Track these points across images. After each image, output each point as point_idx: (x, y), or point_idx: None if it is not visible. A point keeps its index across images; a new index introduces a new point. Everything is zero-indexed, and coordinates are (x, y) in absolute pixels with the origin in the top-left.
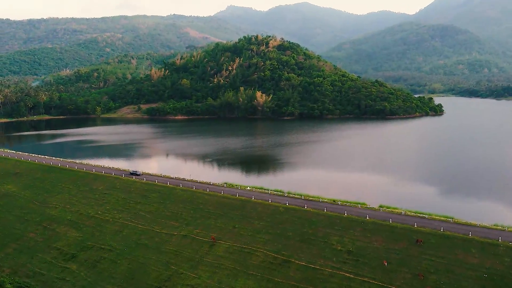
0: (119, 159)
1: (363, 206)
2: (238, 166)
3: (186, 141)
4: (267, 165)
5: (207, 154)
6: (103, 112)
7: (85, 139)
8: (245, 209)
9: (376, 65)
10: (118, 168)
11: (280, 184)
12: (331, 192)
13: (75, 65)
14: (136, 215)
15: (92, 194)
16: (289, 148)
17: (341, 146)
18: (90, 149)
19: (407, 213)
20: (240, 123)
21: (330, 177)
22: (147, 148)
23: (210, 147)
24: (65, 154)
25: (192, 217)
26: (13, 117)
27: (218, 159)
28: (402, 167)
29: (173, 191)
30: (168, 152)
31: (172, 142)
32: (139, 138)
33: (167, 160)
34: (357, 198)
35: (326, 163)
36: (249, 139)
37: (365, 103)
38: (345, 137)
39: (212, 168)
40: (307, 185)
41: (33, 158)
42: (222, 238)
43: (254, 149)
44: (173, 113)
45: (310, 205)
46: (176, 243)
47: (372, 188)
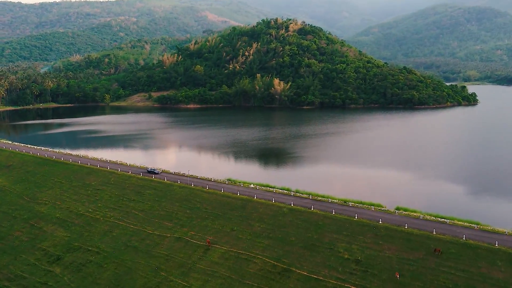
0: (120, 150)
1: (376, 209)
2: (246, 161)
3: (195, 132)
4: (278, 160)
5: (215, 146)
6: (112, 100)
7: (90, 129)
8: (246, 210)
9: (406, 51)
10: (123, 163)
11: (289, 181)
12: (344, 191)
13: (88, 50)
14: (128, 214)
15: (84, 190)
16: (305, 141)
17: (362, 139)
18: (93, 140)
19: (425, 217)
20: (256, 112)
21: (346, 173)
22: (152, 140)
23: (220, 138)
24: (67, 145)
25: (188, 218)
26: (18, 105)
27: (226, 151)
28: (427, 163)
29: (170, 188)
30: (173, 144)
31: (179, 133)
32: (146, 129)
33: (169, 153)
34: (372, 198)
35: (344, 157)
36: (263, 130)
37: (392, 91)
38: (368, 128)
39: (217, 162)
40: (318, 182)
41: (29, 150)
42: (218, 242)
43: (267, 141)
44: (185, 101)
45: (318, 206)
46: (168, 246)
47: (390, 187)
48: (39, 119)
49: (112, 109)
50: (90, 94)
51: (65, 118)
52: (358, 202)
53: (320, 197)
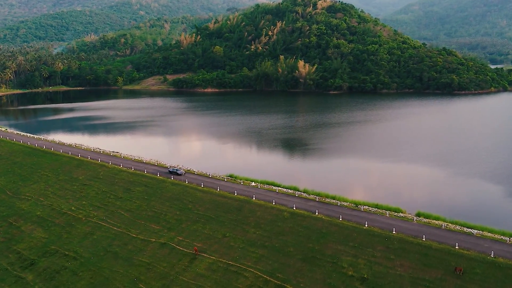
0: (122, 139)
1: (392, 214)
2: (255, 153)
3: (208, 119)
4: (291, 152)
5: (226, 135)
6: (125, 83)
7: (97, 115)
8: (242, 213)
9: (449, 30)
10: (117, 155)
11: (299, 178)
12: (360, 191)
13: (105, 30)
14: (113, 214)
15: (70, 185)
16: (327, 130)
17: (391, 129)
18: (97, 128)
19: (449, 226)
20: (278, 97)
21: (365, 170)
22: (160, 127)
23: (233, 127)
24: (68, 133)
25: (177, 220)
26: (26, 88)
27: (235, 142)
28: (463, 158)
29: (162, 185)
30: (181, 133)
31: (191, 120)
32: (156, 115)
33: (172, 143)
34: (391, 200)
35: (366, 150)
36: (282, 117)
37: (429, 75)
38: (400, 116)
39: (222, 155)
40: (332, 180)
41: (20, 139)
42: (207, 250)
43: (284, 131)
44: (202, 85)
45: (324, 210)
46: (151, 253)
47: (415, 187)
48: (49, 103)
49: (125, 93)
50: (102, 77)
51: (75, 102)
52: (372, 206)
53: (329, 198)
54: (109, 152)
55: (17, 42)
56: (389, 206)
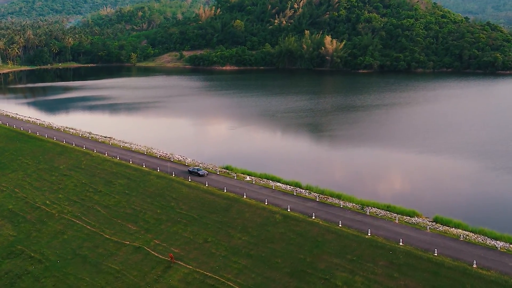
0: (116, 123)
1: (402, 220)
2: (262, 140)
3: (219, 100)
4: (302, 140)
5: (234, 119)
6: (140, 60)
7: (102, 94)
8: (229, 213)
9: (497, 3)
10: (115, 143)
11: (303, 171)
12: (373, 188)
13: (124, 3)
14: (89, 210)
15: (49, 175)
16: (348, 114)
17: (422, 113)
18: (96, 108)
19: (469, 237)
20: (301, 77)
21: (383, 162)
22: (163, 109)
23: (245, 109)
24: (65, 114)
25: (157, 220)
26: (35, 64)
27: (243, 127)
28: (502, 150)
29: (146, 178)
30: (183, 116)
31: (200, 101)
32: (164, 95)
33: (170, 127)
34: (406, 201)
35: (389, 138)
36: (302, 99)
37: (470, 53)
38: (434, 99)
39: (224, 142)
40: (342, 174)
41: (8, 121)
42: (184, 257)
43: (300, 114)
44: (220, 62)
45: (323, 213)
46: (123, 259)
47: (439, 184)
48: (58, 81)
49: (138, 71)
50: (114, 53)
51: (85, 80)
52: (383, 207)
53: (334, 198)
54: (98, 138)
55: (32, 15)
56: (402, 208)
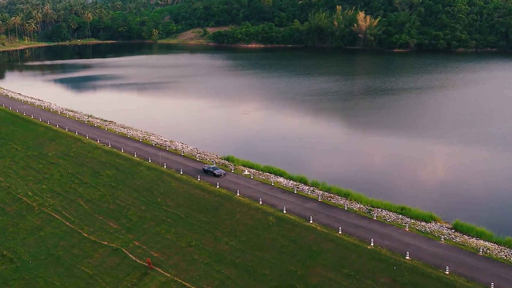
0: (123, 105)
1: (413, 228)
2: (272, 128)
3: (238, 81)
4: (318, 128)
5: (252, 101)
6: (162, 36)
7: (116, 73)
8: (218, 213)
9: None
10: (112, 129)
11: (313, 164)
12: (387, 186)
13: None
14: (72, 204)
15: (36, 163)
16: (376, 98)
17: (460, 98)
18: (105, 88)
19: (489, 251)
20: (331, 56)
21: (405, 154)
22: (175, 89)
23: (265, 90)
24: (70, 94)
25: (140, 218)
26: (52, 40)
27: (258, 111)
28: None
29: (136, 169)
30: (195, 97)
31: (218, 82)
32: (180, 75)
33: (177, 110)
34: (426, 201)
35: (417, 127)
36: (328, 80)
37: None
38: (475, 82)
39: (233, 128)
40: (355, 169)
41: (4, 101)
42: (163, 263)
43: (322, 98)
44: (246, 39)
45: (322, 217)
46: (98, 262)
47: (466, 183)
48: (77, 58)
49: (160, 48)
50: (135, 29)
51: (105, 58)
52: (395, 210)
53: (341, 196)
54: (94, 122)
55: None
56: (418, 211)
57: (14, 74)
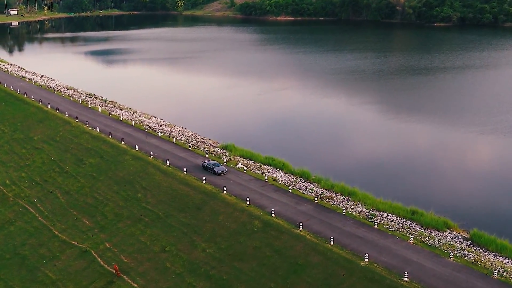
0: (128, 82)
1: (419, 239)
2: (286, 112)
3: (260, 57)
4: (338, 112)
5: (269, 80)
6: (187, 7)
7: (136, 47)
8: (200, 213)
9: None
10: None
11: (322, 157)
12: (401, 183)
13: None
14: (48, 196)
15: (21, 147)
16: (406, 78)
17: (499, 80)
18: (116, 63)
19: (506, 274)
20: (365, 30)
21: (428, 145)
22: (191, 65)
23: (285, 68)
24: (76, 69)
25: (116, 215)
26: (73, 11)
27: (277, 92)
28: None
29: (121, 158)
30: (208, 75)
31: (238, 58)
32: (200, 49)
33: (184, 92)
34: (442, 203)
35: (446, 112)
36: (357, 58)
37: None
38: None
39: (241, 113)
40: (369, 161)
41: (6, 81)
42: (132, 270)
43: (348, 76)
44: (275, 12)
45: (315, 222)
46: (63, 265)
47: (493, 183)
48: (99, 30)
49: (185, 20)
50: (159, 0)
51: (128, 30)
52: (404, 214)
53: (345, 195)
54: (90, 103)
55: None
56: (431, 216)
57: (29, 47)
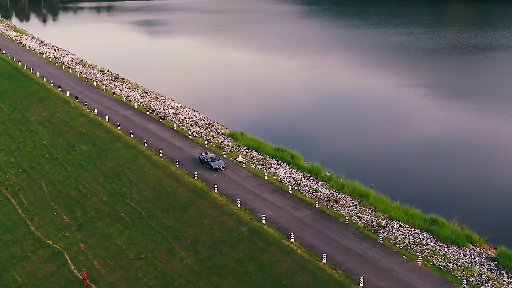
0: (147, 58)
1: (429, 260)
2: (309, 93)
3: (292, 30)
4: (368, 95)
5: (303, 56)
6: None
7: (164, 19)
8: (185, 215)
9: None
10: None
11: (340, 148)
12: (424, 185)
13: None
14: (33, 185)
15: (16, 128)
16: (454, 57)
17: None
18: (141, 35)
19: None
20: (414, 1)
21: (468, 137)
22: (218, 38)
23: (319, 44)
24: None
25: (97, 212)
26: None
27: (305, 71)
28: None
29: (113, 146)
30: (234, 49)
31: (269, 31)
32: (231, 22)
33: (203, 68)
34: (470, 211)
35: (496, 98)
36: (401, 33)
37: None
38: None
39: (259, 95)
40: (392, 155)
41: (12, 52)
42: (102, 279)
43: (386, 55)
44: None
45: (310, 233)
46: (32, 268)
47: None
48: None
49: None
50: None
51: None
52: (421, 224)
53: (355, 198)
54: (97, 80)
55: None
56: (453, 227)
57: (60, 18)
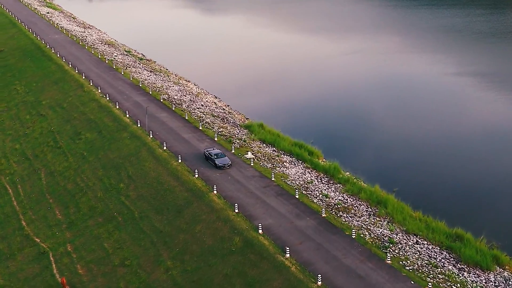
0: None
1: (442, 287)
2: (350, 81)
3: (343, 9)
4: (415, 85)
5: (347, 39)
6: None
7: None
8: (179, 218)
9: None
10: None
11: (367, 146)
12: (455, 194)
13: None
14: (32, 175)
15: (26, 112)
16: (500, 44)
17: None
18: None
19: None
20: None
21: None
22: (263, 17)
23: (362, 24)
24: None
25: (90, 209)
26: None
27: (347, 55)
28: None
29: (118, 135)
30: (271, 28)
31: (320, 8)
32: None
33: (241, 49)
34: (502, 228)
35: None
36: (456, 14)
37: None
38: None
39: (293, 81)
40: (427, 157)
41: (43, 31)
42: (83, 286)
43: (442, 38)
44: None
45: (310, 248)
46: (15, 268)
47: None
48: None
49: None
50: None
51: None
52: (441, 239)
53: (372, 205)
54: (116, 62)
55: None
56: (478, 246)
57: None
